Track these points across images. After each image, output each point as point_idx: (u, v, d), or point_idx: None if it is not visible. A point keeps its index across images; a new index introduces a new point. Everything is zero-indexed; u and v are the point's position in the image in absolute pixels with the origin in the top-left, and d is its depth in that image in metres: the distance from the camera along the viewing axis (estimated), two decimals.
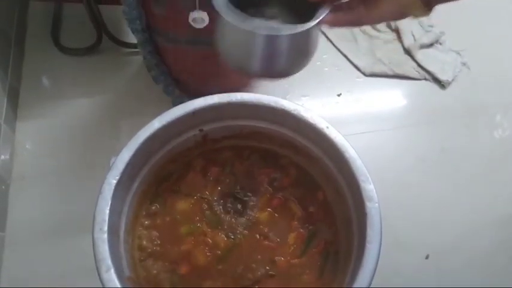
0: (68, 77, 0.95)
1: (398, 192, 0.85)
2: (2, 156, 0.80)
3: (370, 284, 0.43)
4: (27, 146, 0.87)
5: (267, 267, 0.51)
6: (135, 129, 0.51)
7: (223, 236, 0.52)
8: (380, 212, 0.46)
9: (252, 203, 0.56)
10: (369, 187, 0.47)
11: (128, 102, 0.93)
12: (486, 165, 0.90)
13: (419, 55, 1.01)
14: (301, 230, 0.54)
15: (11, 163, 0.84)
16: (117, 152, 0.53)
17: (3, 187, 0.79)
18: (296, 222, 0.55)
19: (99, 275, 0.41)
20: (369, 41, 1.03)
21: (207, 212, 0.54)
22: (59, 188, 0.83)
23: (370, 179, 0.48)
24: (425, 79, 0.99)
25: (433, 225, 0.83)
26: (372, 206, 0.46)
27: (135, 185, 0.51)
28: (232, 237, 0.53)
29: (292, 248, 0.53)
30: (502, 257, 0.82)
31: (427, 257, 0.80)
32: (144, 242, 0.51)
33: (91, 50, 0.95)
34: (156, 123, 0.51)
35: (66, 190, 0.83)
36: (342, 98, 0.97)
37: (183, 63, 0.81)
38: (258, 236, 0.53)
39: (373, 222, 0.45)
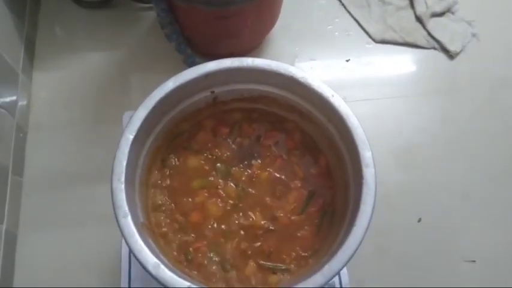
0: (81, 29, 0.97)
1: (396, 159, 0.88)
2: (20, 104, 0.84)
3: (361, 242, 0.47)
4: (42, 97, 0.90)
5: (268, 222, 0.56)
6: (146, 85, 0.54)
7: (233, 186, 0.56)
8: (376, 177, 0.49)
9: (257, 163, 0.59)
10: (367, 154, 0.50)
11: (140, 57, 0.95)
12: (486, 138, 0.93)
13: (431, 23, 1.01)
14: (302, 191, 0.58)
15: (28, 112, 0.88)
16: (129, 108, 0.56)
17: (21, 135, 0.83)
18: (297, 183, 0.59)
19: (117, 220, 0.46)
20: (382, 7, 1.03)
21: (218, 165, 0.58)
22: (73, 139, 0.88)
23: (369, 146, 0.51)
24: (434, 48, 1.00)
25: (427, 191, 0.87)
26: (369, 172, 0.49)
27: (150, 141, 0.55)
28: (240, 188, 0.57)
29: (293, 206, 0.57)
30: (496, 219, 0.86)
31: (419, 221, 0.84)
32: (157, 194, 0.56)
33: (105, 3, 0.96)
34: (171, 84, 0.53)
35: (80, 141, 0.88)
36: (350, 64, 0.99)
37: (196, 23, 0.82)
38: (260, 193, 0.57)
39: (368, 186, 0.49)
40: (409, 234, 0.84)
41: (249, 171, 0.58)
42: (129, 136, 0.50)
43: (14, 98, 0.82)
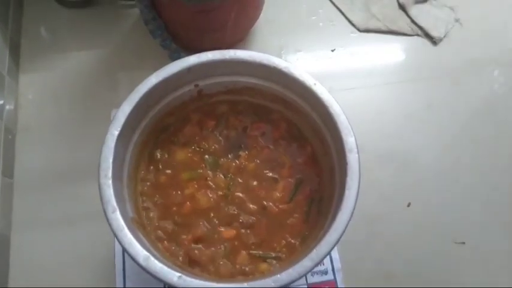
0: (66, 29, 0.96)
1: (384, 146, 0.89)
2: (7, 107, 0.84)
3: (346, 226, 0.48)
4: (30, 98, 0.90)
5: (258, 211, 0.57)
6: (133, 82, 0.54)
7: (222, 176, 0.57)
8: (359, 162, 0.50)
9: (244, 154, 0.60)
10: (351, 139, 0.51)
11: (126, 55, 0.95)
12: (472, 122, 0.93)
13: (414, 10, 1.02)
14: (289, 179, 0.59)
15: (16, 114, 0.88)
16: (117, 105, 0.57)
17: (9, 137, 0.83)
18: (285, 171, 0.59)
19: (105, 215, 0.46)
20: None
21: (206, 157, 0.58)
22: (62, 138, 0.87)
23: (352, 132, 0.52)
24: (418, 35, 1.01)
25: (415, 176, 0.88)
26: (352, 157, 0.50)
27: (136, 136, 0.56)
28: (229, 178, 0.58)
29: (281, 194, 0.58)
30: (485, 201, 0.87)
31: (408, 205, 0.85)
32: (145, 188, 0.56)
33: (89, 2, 0.96)
34: (153, 79, 0.54)
35: (69, 140, 0.87)
36: (335, 53, 0.99)
37: (178, 18, 0.83)
38: (249, 183, 0.58)
39: (352, 171, 0.50)
40: (399, 218, 0.84)
41: (237, 162, 0.59)
42: (115, 132, 0.51)
43: (1, 100, 0.82)
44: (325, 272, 0.79)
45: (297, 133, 0.62)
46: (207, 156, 0.59)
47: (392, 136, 0.91)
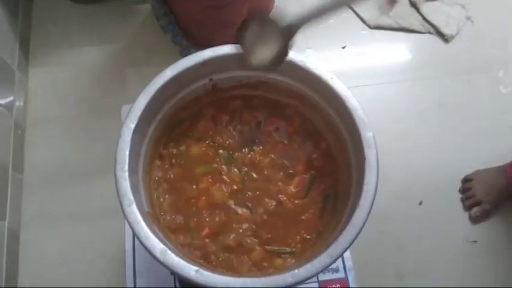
0: (76, 25, 0.96)
1: (395, 144, 0.89)
2: (17, 102, 0.84)
3: (365, 222, 0.47)
4: (39, 93, 0.90)
5: (273, 207, 0.56)
6: (143, 78, 0.54)
7: (237, 171, 0.57)
8: (377, 157, 0.50)
9: (258, 149, 0.59)
10: (369, 134, 0.51)
11: (136, 51, 0.95)
12: (483, 120, 0.93)
13: (425, 8, 1.01)
14: (304, 175, 0.58)
15: (25, 109, 0.87)
16: (128, 101, 0.56)
17: (19, 132, 0.83)
18: (299, 167, 0.59)
19: (122, 208, 0.46)
20: None
21: (221, 151, 0.58)
22: (71, 134, 0.87)
23: (370, 127, 0.51)
24: (430, 32, 1.00)
25: (427, 174, 0.88)
26: (371, 152, 0.50)
27: (151, 130, 0.55)
28: (244, 173, 0.57)
29: (296, 190, 0.58)
30: None
31: (420, 203, 0.85)
32: (160, 183, 0.56)
33: None
34: (169, 72, 0.53)
35: (78, 135, 0.87)
36: (346, 51, 0.99)
37: (190, 13, 0.82)
38: (263, 178, 0.57)
39: (371, 167, 0.49)
40: (411, 217, 0.84)
41: (252, 157, 0.58)
42: (131, 125, 0.50)
43: (11, 95, 0.82)
44: (337, 270, 0.78)
45: (312, 128, 0.61)
46: (221, 150, 0.58)
47: (403, 134, 0.91)
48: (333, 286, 0.76)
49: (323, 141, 0.60)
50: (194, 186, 0.55)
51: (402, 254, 0.81)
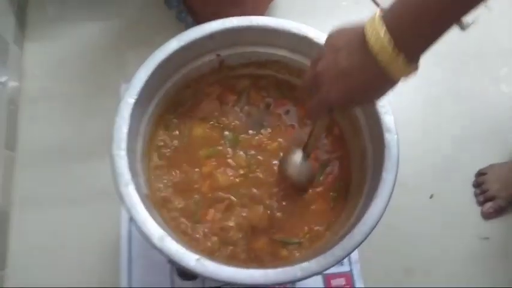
0: None
1: (406, 133, 0.84)
2: (11, 77, 0.79)
3: (383, 213, 0.43)
4: (35, 68, 0.86)
5: (280, 195, 0.52)
6: (144, 56, 0.49)
7: (243, 154, 0.53)
8: (398, 143, 0.46)
9: (266, 132, 0.55)
10: (389, 118, 0.47)
11: (138, 28, 0.90)
12: (501, 112, 0.89)
13: None
14: (314, 162, 0.54)
15: (20, 83, 0.83)
16: (127, 80, 0.52)
17: (12, 107, 0.79)
18: None
19: (117, 189, 0.42)
20: None
21: (226, 133, 0.54)
22: (67, 112, 0.83)
23: (390, 110, 0.47)
24: None
25: (439, 166, 0.84)
26: (391, 137, 0.46)
27: (151, 107, 0.51)
28: (249, 157, 0.53)
29: None
30: None
31: (431, 197, 0.81)
32: (160, 165, 0.52)
33: None
34: (175, 43, 0.49)
35: (74, 114, 0.83)
36: None
37: None
38: (271, 163, 0.53)
39: (391, 153, 0.45)
40: (421, 210, 0.81)
41: (259, 140, 0.54)
42: (130, 100, 0.46)
43: (5, 68, 0.77)
44: (341, 263, 0.75)
45: None
46: (227, 132, 0.54)
47: (416, 123, 0.87)
48: (337, 279, 0.73)
49: (336, 127, 0.56)
50: (197, 170, 0.51)
51: (410, 248, 0.78)
